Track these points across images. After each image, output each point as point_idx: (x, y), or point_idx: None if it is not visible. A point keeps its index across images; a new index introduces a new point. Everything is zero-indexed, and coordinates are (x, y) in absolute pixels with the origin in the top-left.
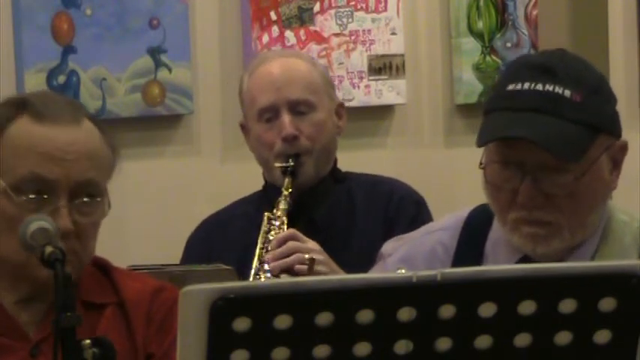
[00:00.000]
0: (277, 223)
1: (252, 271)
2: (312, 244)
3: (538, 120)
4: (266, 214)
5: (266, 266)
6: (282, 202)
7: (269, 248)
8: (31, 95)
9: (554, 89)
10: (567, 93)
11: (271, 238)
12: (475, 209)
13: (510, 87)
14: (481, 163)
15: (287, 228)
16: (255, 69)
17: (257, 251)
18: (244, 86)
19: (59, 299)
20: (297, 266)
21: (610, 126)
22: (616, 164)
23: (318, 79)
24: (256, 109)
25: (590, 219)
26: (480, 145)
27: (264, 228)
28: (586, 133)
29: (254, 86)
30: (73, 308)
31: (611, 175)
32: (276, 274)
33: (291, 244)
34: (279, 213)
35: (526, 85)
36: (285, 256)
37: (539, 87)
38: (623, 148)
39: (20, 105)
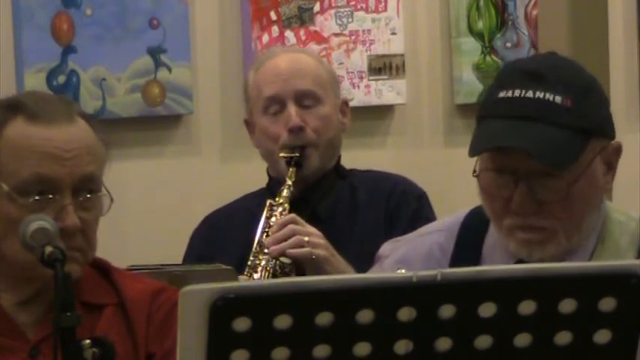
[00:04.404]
0: (279, 209)
1: (251, 255)
2: (311, 229)
3: (529, 128)
4: (268, 201)
5: (265, 250)
6: (285, 189)
7: (269, 233)
8: (21, 96)
9: (544, 96)
10: (558, 99)
11: (272, 223)
12: (472, 211)
13: (501, 94)
14: (475, 171)
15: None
16: (261, 64)
17: (257, 235)
18: (250, 81)
19: (59, 299)
20: (291, 251)
21: (602, 129)
22: (610, 166)
23: (324, 74)
24: (262, 99)
25: (586, 223)
26: (472, 155)
27: (265, 214)
28: (578, 138)
29: (261, 79)
30: (72, 308)
31: (605, 177)
32: (274, 257)
33: (290, 226)
34: (281, 200)
35: (517, 93)
36: (285, 239)
37: (530, 94)
38: (618, 150)
39: (12, 107)
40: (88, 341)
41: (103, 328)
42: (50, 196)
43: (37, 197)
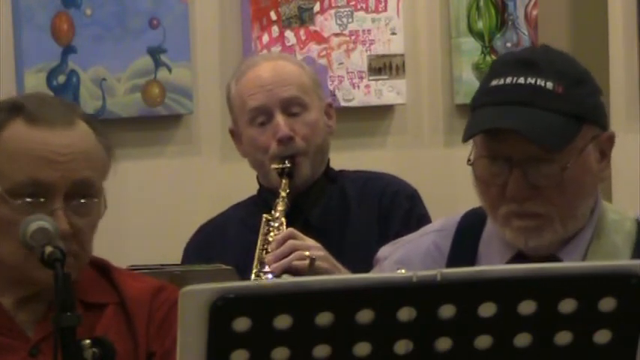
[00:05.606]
0: (276, 224)
1: (253, 274)
2: (311, 242)
3: (521, 112)
4: (264, 216)
5: (266, 268)
6: (280, 203)
7: (269, 250)
8: (24, 98)
9: (536, 82)
10: (549, 85)
11: (270, 239)
12: (469, 212)
13: (494, 82)
14: (469, 160)
15: (285, 229)
16: (242, 74)
17: (256, 253)
18: (232, 92)
19: (59, 299)
20: (295, 262)
21: (594, 116)
22: (604, 155)
23: (307, 80)
24: (247, 110)
25: (581, 209)
26: (464, 140)
27: (262, 230)
28: (569, 122)
29: (244, 90)
30: (73, 308)
31: (599, 164)
32: (277, 275)
33: (290, 242)
34: (277, 214)
35: (508, 80)
36: (285, 255)
37: (522, 80)
38: (610, 139)
39: (13, 108)
40: (88, 341)
41: (103, 327)
42: (42, 200)
43: (27, 199)
